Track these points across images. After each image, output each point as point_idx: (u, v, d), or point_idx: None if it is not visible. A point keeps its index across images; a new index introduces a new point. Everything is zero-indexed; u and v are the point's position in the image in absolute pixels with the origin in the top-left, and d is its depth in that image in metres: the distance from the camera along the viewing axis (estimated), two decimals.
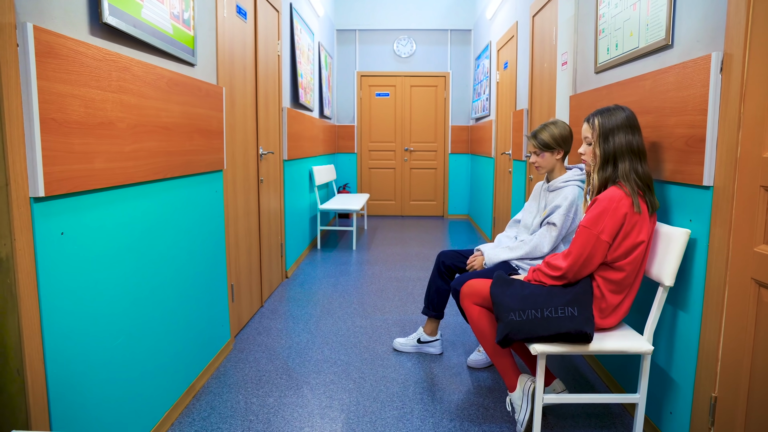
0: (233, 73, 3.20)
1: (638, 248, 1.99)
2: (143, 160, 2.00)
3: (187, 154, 2.44)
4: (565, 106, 3.47)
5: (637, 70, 2.43)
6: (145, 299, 2.08)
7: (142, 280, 2.06)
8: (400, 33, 8.28)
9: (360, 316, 3.73)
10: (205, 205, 2.72)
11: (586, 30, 3.13)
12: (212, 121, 2.74)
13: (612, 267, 2.03)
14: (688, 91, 1.93)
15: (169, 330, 2.30)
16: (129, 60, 1.85)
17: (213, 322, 2.86)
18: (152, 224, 2.14)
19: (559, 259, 2.09)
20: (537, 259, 2.68)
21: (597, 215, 1.99)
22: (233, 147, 3.21)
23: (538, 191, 2.89)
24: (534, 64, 4.41)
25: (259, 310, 3.83)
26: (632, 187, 2.00)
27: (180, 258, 2.42)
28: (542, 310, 2.00)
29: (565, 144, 2.67)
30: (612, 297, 2.06)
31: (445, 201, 8.56)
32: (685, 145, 1.95)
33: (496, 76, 6.11)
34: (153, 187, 2.13)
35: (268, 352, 3.10)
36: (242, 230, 3.42)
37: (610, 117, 2.09)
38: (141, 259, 2.04)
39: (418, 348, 3.10)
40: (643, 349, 1.98)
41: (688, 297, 1.97)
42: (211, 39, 2.83)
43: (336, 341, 3.26)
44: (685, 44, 2.03)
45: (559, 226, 2.59)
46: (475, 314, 2.29)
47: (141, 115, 1.96)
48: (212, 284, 2.85)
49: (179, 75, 2.32)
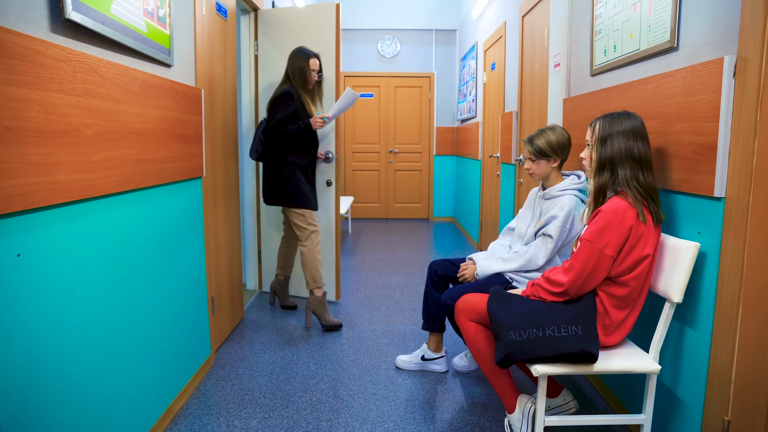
0: (213, 75, 3.04)
1: (644, 262, 1.88)
2: (114, 169, 1.84)
3: (164, 162, 2.28)
4: (558, 109, 3.37)
5: (639, 73, 2.32)
6: (117, 320, 1.92)
7: (113, 299, 1.89)
8: (385, 33, 8.15)
9: (346, 326, 3.59)
10: (183, 214, 2.56)
11: (580, 31, 3.02)
12: (190, 125, 2.58)
13: (616, 282, 1.92)
14: (697, 97, 1.82)
15: (144, 350, 2.14)
16: (97, 60, 1.70)
17: (192, 338, 2.70)
18: (124, 238, 1.98)
19: (559, 275, 1.97)
20: (532, 271, 2.56)
21: (601, 228, 1.88)
22: (213, 152, 3.05)
23: (532, 198, 2.78)
24: (524, 65, 4.31)
25: (240, 321, 3.67)
26: (635, 196, 1.89)
27: (156, 273, 2.26)
28: (544, 328, 1.88)
29: (562, 151, 2.55)
30: (616, 313, 1.94)
31: (431, 203, 8.45)
32: (694, 153, 1.84)
33: (483, 77, 6.00)
34: (125, 198, 1.97)
35: (250, 367, 2.94)
36: (223, 239, 3.26)
37: (613, 122, 1.98)
38: (111, 277, 1.88)
39: (422, 366, 2.95)
40: (649, 369, 1.87)
41: (697, 313, 1.86)
42: (189, 38, 2.67)
43: (322, 355, 3.12)
44: (692, 47, 1.92)
45: (555, 238, 2.48)
46: (471, 332, 2.16)
47: (111, 120, 1.80)
48: (191, 298, 2.69)
49: (154, 77, 2.16)
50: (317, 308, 3.52)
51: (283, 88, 3.44)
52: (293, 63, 3.47)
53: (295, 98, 3.41)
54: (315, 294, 3.52)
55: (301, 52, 3.48)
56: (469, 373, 2.90)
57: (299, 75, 3.46)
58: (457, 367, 2.92)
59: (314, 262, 3.49)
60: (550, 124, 2.66)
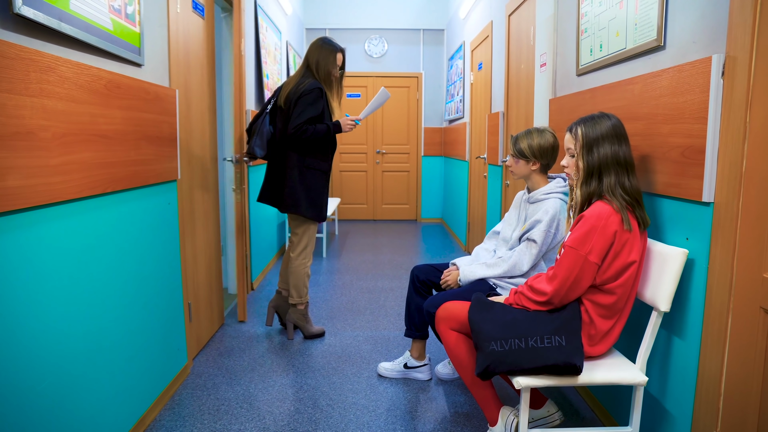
0: (189, 75, 2.95)
1: (630, 269, 1.82)
2: (76, 174, 1.75)
3: (134, 165, 2.19)
4: (544, 110, 3.30)
5: (625, 73, 2.25)
6: (80, 333, 1.83)
7: (77, 308, 1.80)
8: (372, 32, 8.07)
9: (329, 332, 3.50)
10: (156, 219, 2.47)
11: (566, 30, 2.96)
12: (163, 126, 2.49)
13: (601, 290, 1.85)
14: (685, 97, 1.75)
15: (113, 361, 2.05)
16: (53, 59, 1.60)
17: (167, 347, 2.61)
18: (89, 246, 1.88)
19: (543, 283, 1.90)
20: (516, 277, 2.49)
21: (584, 234, 1.81)
22: (189, 154, 2.96)
23: (518, 201, 2.71)
24: (510, 65, 4.24)
25: (220, 327, 3.57)
26: (620, 203, 1.82)
27: (126, 281, 2.16)
28: (526, 339, 1.81)
29: (543, 156, 2.48)
30: (602, 322, 1.87)
31: (418, 204, 8.38)
32: (681, 156, 1.78)
33: (470, 77, 5.94)
34: (90, 203, 1.88)
35: (228, 375, 2.85)
36: (201, 243, 3.17)
37: (595, 126, 1.91)
38: (73, 288, 1.78)
39: (405, 374, 2.87)
40: (636, 381, 1.80)
41: (685, 322, 1.80)
42: (162, 37, 2.57)
43: (303, 362, 3.03)
44: (679, 45, 1.85)
45: (540, 243, 2.41)
46: (452, 341, 2.08)
47: (72, 122, 1.71)
48: (166, 305, 2.59)
49: (122, 76, 2.06)
50: (299, 320, 3.38)
51: (311, 82, 3.10)
52: (318, 55, 3.16)
53: (324, 96, 3.13)
54: (297, 307, 3.37)
55: (327, 44, 3.19)
56: (452, 381, 2.83)
57: (324, 69, 3.16)
58: (441, 375, 2.85)
59: (303, 277, 3.30)
60: (542, 126, 2.59)
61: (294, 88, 3.13)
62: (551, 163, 2.54)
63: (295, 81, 3.18)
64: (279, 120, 3.18)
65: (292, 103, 3.09)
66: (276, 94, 3.28)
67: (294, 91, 3.11)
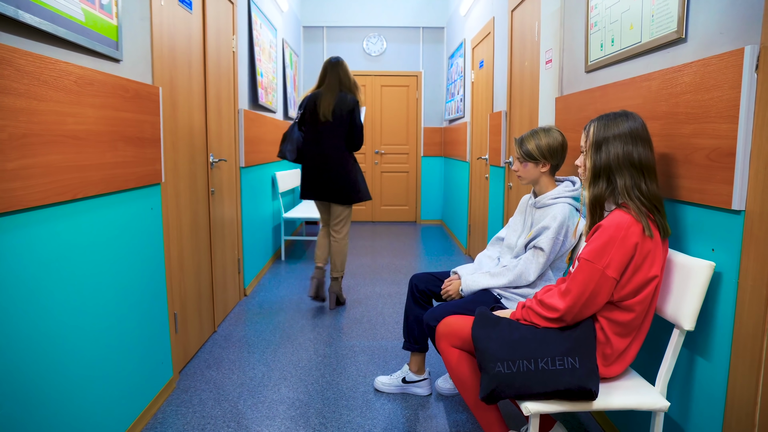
0: (175, 72, 2.78)
1: (650, 284, 1.65)
2: (39, 179, 1.58)
3: (110, 168, 2.02)
4: (549, 109, 3.14)
5: (640, 68, 2.09)
6: (49, 350, 1.66)
7: (46, 324, 1.64)
8: (370, 30, 7.90)
9: (324, 342, 3.34)
10: (136, 226, 2.30)
11: (574, 24, 2.79)
12: (145, 126, 2.33)
13: (619, 307, 1.69)
14: (711, 94, 1.59)
15: (88, 379, 1.88)
16: (9, 50, 1.44)
17: (150, 361, 2.44)
18: (57, 257, 1.72)
19: (555, 298, 1.73)
20: (522, 287, 2.33)
21: (601, 246, 1.64)
22: (175, 156, 2.80)
23: (524, 206, 2.55)
24: (513, 62, 4.08)
25: (211, 336, 3.41)
26: (638, 207, 1.66)
27: (102, 292, 2.00)
28: (536, 360, 1.64)
29: (553, 157, 2.33)
30: (618, 341, 1.71)
31: (418, 206, 8.21)
32: (707, 159, 1.62)
33: (471, 75, 5.77)
34: (57, 211, 1.71)
35: (216, 390, 2.69)
36: (189, 249, 3.00)
37: (609, 125, 1.75)
38: (40, 301, 1.62)
39: (403, 389, 2.70)
40: (657, 406, 1.64)
41: (710, 341, 1.64)
42: (144, 31, 2.41)
43: (295, 376, 2.87)
44: (703, 37, 1.69)
45: (547, 251, 2.25)
46: (454, 359, 1.92)
47: (33, 122, 1.54)
48: (149, 317, 2.43)
49: (96, 72, 1.90)
50: (339, 291, 3.97)
51: (351, 97, 3.75)
52: (344, 71, 3.78)
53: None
54: (339, 280, 3.94)
55: (343, 60, 3.83)
56: (453, 396, 2.67)
57: (353, 82, 3.83)
58: (441, 390, 2.69)
59: (346, 253, 3.93)
60: (546, 125, 2.43)
61: (337, 102, 3.72)
62: (561, 164, 2.38)
63: (334, 96, 3.74)
64: (323, 128, 3.75)
65: (345, 115, 3.73)
66: (303, 106, 3.84)
67: (340, 106, 3.72)
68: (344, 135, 3.77)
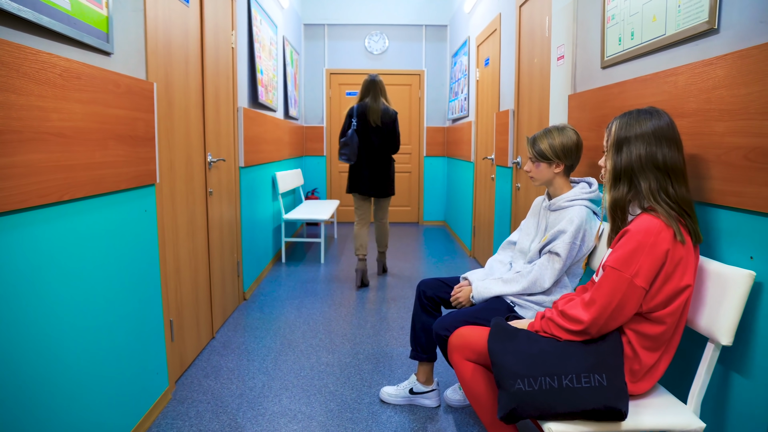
0: (170, 67, 2.66)
1: (682, 294, 1.53)
2: (18, 179, 1.46)
3: (99, 168, 1.90)
4: (561, 107, 3.01)
5: (663, 63, 1.96)
6: (35, 366, 1.53)
7: (22, 343, 1.51)
8: (372, 28, 7.77)
9: (326, 349, 3.21)
10: (129, 229, 2.18)
11: (589, 18, 2.67)
12: (138, 124, 2.20)
13: (648, 318, 1.56)
14: (750, 89, 1.46)
15: (78, 391, 1.76)
16: None
17: (144, 371, 2.31)
18: (39, 264, 1.59)
19: (578, 308, 1.60)
20: (536, 294, 2.21)
21: (629, 253, 1.52)
22: (171, 155, 2.67)
23: (537, 209, 2.42)
24: (521, 59, 3.95)
25: (209, 343, 3.28)
26: (666, 211, 1.53)
27: (91, 300, 1.87)
28: (559, 377, 1.52)
29: (567, 157, 2.21)
30: (647, 356, 1.58)
31: (420, 206, 8.08)
32: (744, 159, 1.49)
33: (476, 73, 5.64)
34: (39, 214, 1.58)
35: (214, 402, 2.56)
36: (185, 253, 2.87)
37: (632, 123, 1.63)
38: (16, 317, 1.49)
39: (410, 400, 2.57)
40: (692, 427, 1.51)
41: (749, 356, 1.51)
42: (138, 23, 2.28)
43: (297, 385, 2.74)
44: (738, 27, 1.56)
45: (564, 256, 2.13)
46: (468, 374, 1.79)
47: (11, 117, 1.42)
48: (143, 325, 2.30)
49: (83, 65, 1.77)
50: (384, 261, 5.01)
51: (394, 110, 4.62)
52: (385, 89, 4.60)
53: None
54: (384, 253, 4.98)
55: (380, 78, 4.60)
56: (463, 408, 2.54)
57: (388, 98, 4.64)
58: (450, 401, 2.56)
59: (388, 233, 4.91)
60: (561, 123, 2.30)
61: (384, 112, 4.54)
62: (575, 165, 2.26)
63: (380, 107, 4.54)
64: (373, 134, 4.55)
65: (389, 123, 4.56)
66: (354, 114, 4.52)
67: (386, 115, 4.55)
68: (388, 140, 4.56)
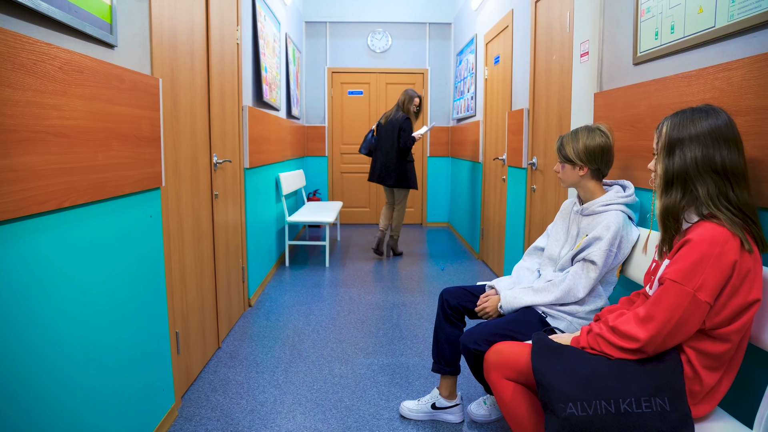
0: (176, 62, 2.50)
1: (750, 309, 1.38)
2: (15, 184, 1.30)
3: (102, 170, 1.74)
4: (585, 106, 2.87)
5: (711, 58, 1.82)
6: (34, 384, 1.38)
7: (20, 357, 1.36)
8: (375, 26, 7.62)
9: (339, 359, 3.06)
10: (134, 236, 2.02)
11: (618, 12, 2.52)
12: (143, 123, 2.05)
13: (710, 336, 1.42)
14: None
15: (79, 414, 1.60)
16: None
17: (149, 388, 2.16)
18: (38, 277, 1.44)
19: (632, 324, 1.46)
20: (569, 304, 2.07)
21: (692, 264, 1.37)
22: (177, 156, 2.51)
23: (567, 213, 2.28)
24: (537, 57, 3.80)
25: (215, 353, 3.12)
26: (730, 219, 1.39)
27: (93, 316, 1.71)
28: (617, 402, 1.37)
29: (591, 161, 2.09)
30: (708, 376, 1.44)
31: (424, 208, 7.94)
32: None
33: (485, 72, 5.50)
34: (37, 223, 1.43)
35: (224, 419, 2.41)
36: (191, 260, 2.72)
37: (685, 123, 1.49)
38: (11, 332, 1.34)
39: (433, 415, 2.42)
40: None
41: None
42: (143, 14, 2.13)
43: (311, 400, 2.59)
44: None
45: (600, 264, 2.00)
46: (509, 395, 1.65)
47: (5, 114, 1.26)
48: (148, 339, 2.15)
49: (85, 57, 1.62)
50: (396, 246, 5.75)
51: (404, 115, 5.46)
52: (405, 98, 5.49)
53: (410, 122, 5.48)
54: (395, 238, 5.72)
55: (411, 92, 5.51)
56: (489, 423, 2.40)
57: (406, 107, 5.48)
58: (475, 416, 2.41)
59: (400, 221, 5.68)
60: (593, 124, 2.17)
61: (393, 116, 5.50)
62: (603, 169, 2.14)
63: (391, 112, 5.58)
64: (383, 134, 5.57)
65: (396, 126, 5.44)
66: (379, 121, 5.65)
67: (395, 119, 5.47)
68: (395, 139, 5.43)
